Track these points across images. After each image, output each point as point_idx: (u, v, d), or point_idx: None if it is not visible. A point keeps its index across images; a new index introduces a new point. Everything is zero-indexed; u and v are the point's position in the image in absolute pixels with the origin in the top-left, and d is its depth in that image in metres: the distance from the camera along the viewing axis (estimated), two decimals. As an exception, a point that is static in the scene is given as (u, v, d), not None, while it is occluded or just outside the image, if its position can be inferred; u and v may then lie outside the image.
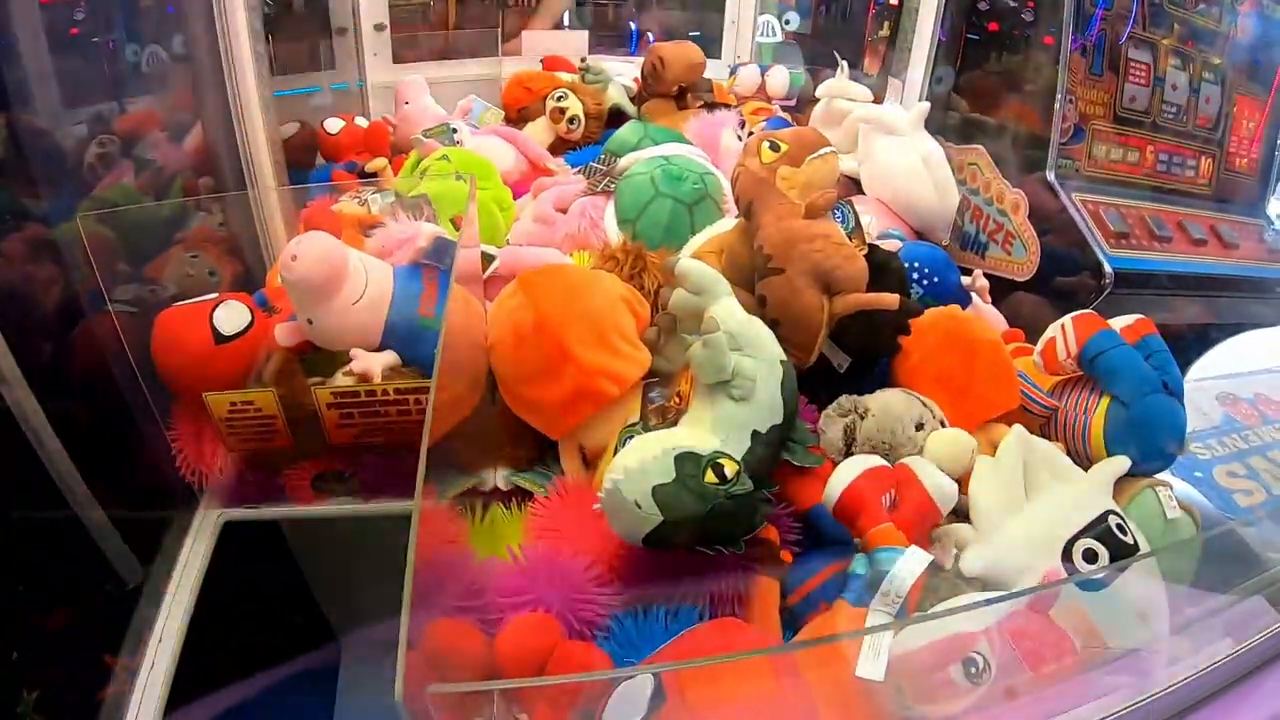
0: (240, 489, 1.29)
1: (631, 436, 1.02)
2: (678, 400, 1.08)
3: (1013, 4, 1.78)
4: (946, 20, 1.97)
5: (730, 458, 0.90)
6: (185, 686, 1.09)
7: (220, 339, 1.16)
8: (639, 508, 0.86)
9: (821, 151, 1.19)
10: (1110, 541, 0.97)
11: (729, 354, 0.95)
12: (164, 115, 1.59)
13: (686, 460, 0.88)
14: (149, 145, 1.53)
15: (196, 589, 1.17)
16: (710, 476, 0.87)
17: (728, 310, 1.00)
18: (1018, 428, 1.06)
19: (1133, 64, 1.74)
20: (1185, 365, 1.20)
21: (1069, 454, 1.14)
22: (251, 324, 1.20)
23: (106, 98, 1.45)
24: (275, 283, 1.33)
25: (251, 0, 1.54)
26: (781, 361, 1.01)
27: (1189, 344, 1.63)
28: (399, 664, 0.56)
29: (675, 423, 1.00)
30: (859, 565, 0.91)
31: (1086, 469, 1.10)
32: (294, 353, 1.22)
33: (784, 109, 2.33)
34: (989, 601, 0.89)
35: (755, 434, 0.96)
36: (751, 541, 0.94)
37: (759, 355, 0.99)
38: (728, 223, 1.36)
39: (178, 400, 1.23)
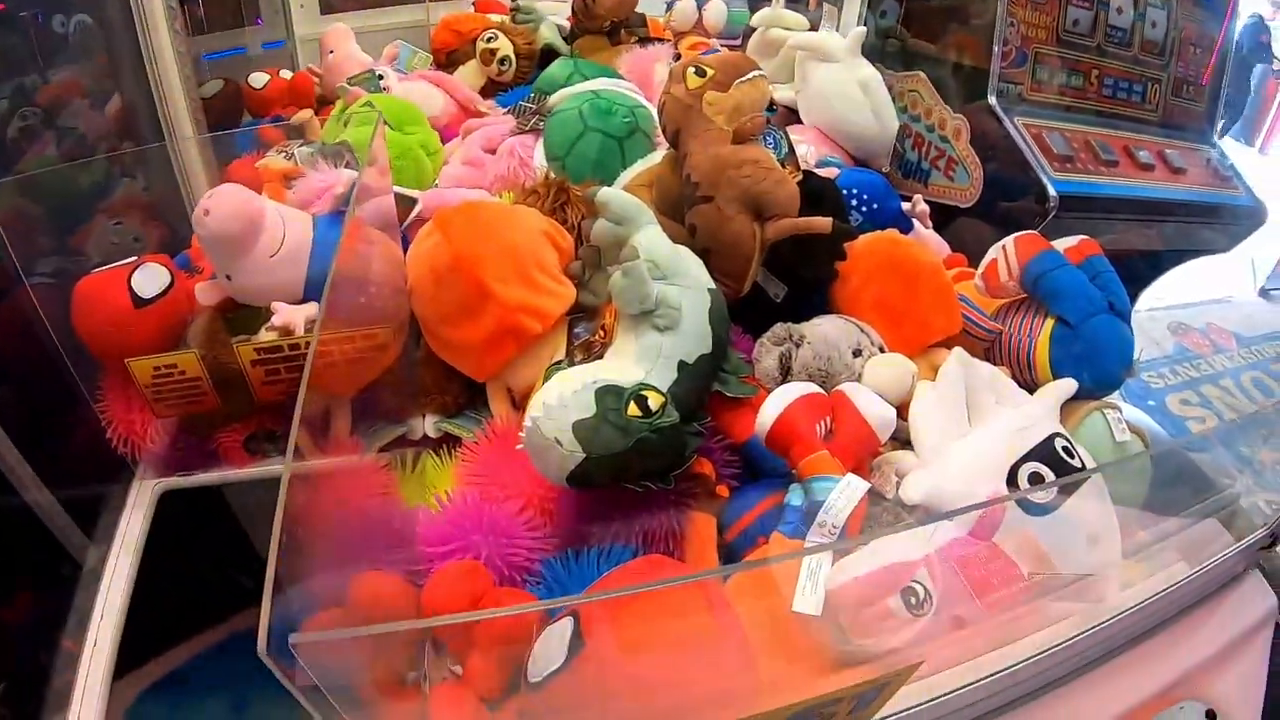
0: (175, 457, 1.24)
1: (557, 368, 0.98)
2: (602, 334, 1.04)
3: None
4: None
5: (655, 389, 0.86)
6: (130, 659, 1.05)
7: (139, 302, 1.12)
8: (560, 445, 0.82)
9: (750, 75, 1.14)
10: (1057, 465, 0.94)
11: (651, 283, 0.91)
12: (87, 82, 1.56)
13: (608, 394, 0.84)
14: (71, 114, 1.50)
15: (136, 562, 1.13)
16: (633, 409, 0.84)
17: (651, 239, 0.96)
18: (958, 350, 1.02)
19: (1075, -14, 1.69)
20: (1133, 291, 1.17)
21: (1014, 380, 1.09)
22: (171, 285, 1.16)
23: (30, 70, 1.43)
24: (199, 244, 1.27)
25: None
26: (710, 290, 0.97)
27: (1137, 269, 1.61)
28: (263, 616, 0.52)
29: (601, 357, 0.96)
30: (794, 496, 0.88)
31: (1032, 394, 1.07)
32: (217, 312, 1.18)
33: (725, 46, 2.27)
34: (922, 523, 0.86)
35: (682, 365, 0.92)
36: (684, 477, 0.91)
37: (685, 283, 0.95)
38: (659, 156, 1.31)
39: (105, 371, 1.19)
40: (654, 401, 0.85)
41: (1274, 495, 1.21)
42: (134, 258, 1.17)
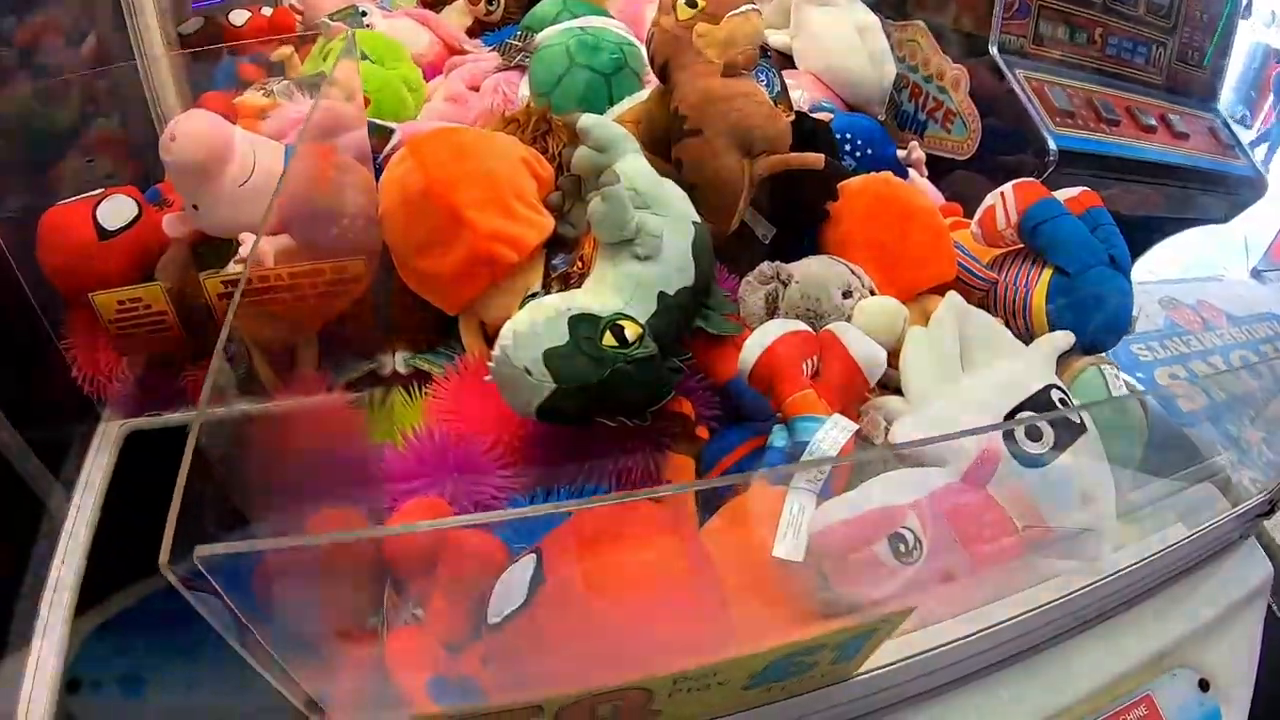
0: (142, 397, 1.21)
1: (532, 300, 0.93)
2: (580, 265, 0.99)
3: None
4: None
5: (632, 320, 0.82)
6: (90, 597, 1.03)
7: (104, 234, 1.09)
8: (529, 374, 0.78)
9: (743, 8, 1.09)
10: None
11: (631, 209, 0.87)
12: (64, 21, 1.50)
13: (582, 322, 0.80)
14: (46, 53, 1.45)
15: (100, 502, 1.10)
16: (609, 339, 0.80)
17: (633, 166, 0.91)
18: (953, 294, 0.98)
19: (1083, -60, 1.65)
20: (1131, 252, 1.14)
21: (1009, 329, 1.05)
22: (139, 218, 1.12)
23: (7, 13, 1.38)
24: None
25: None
26: (695, 223, 0.93)
27: (1133, 233, 1.58)
28: (167, 530, 0.48)
29: (578, 288, 0.92)
30: (777, 437, 0.84)
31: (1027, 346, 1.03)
32: (186, 245, 1.14)
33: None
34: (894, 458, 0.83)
35: (662, 295, 0.87)
36: (663, 415, 0.87)
37: (667, 213, 0.90)
38: (647, 94, 1.27)
39: (70, 308, 1.15)
40: (631, 332, 0.81)
41: (1259, 474, 1.18)
42: (100, 190, 1.14)
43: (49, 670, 0.91)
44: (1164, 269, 2.16)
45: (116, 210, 1.11)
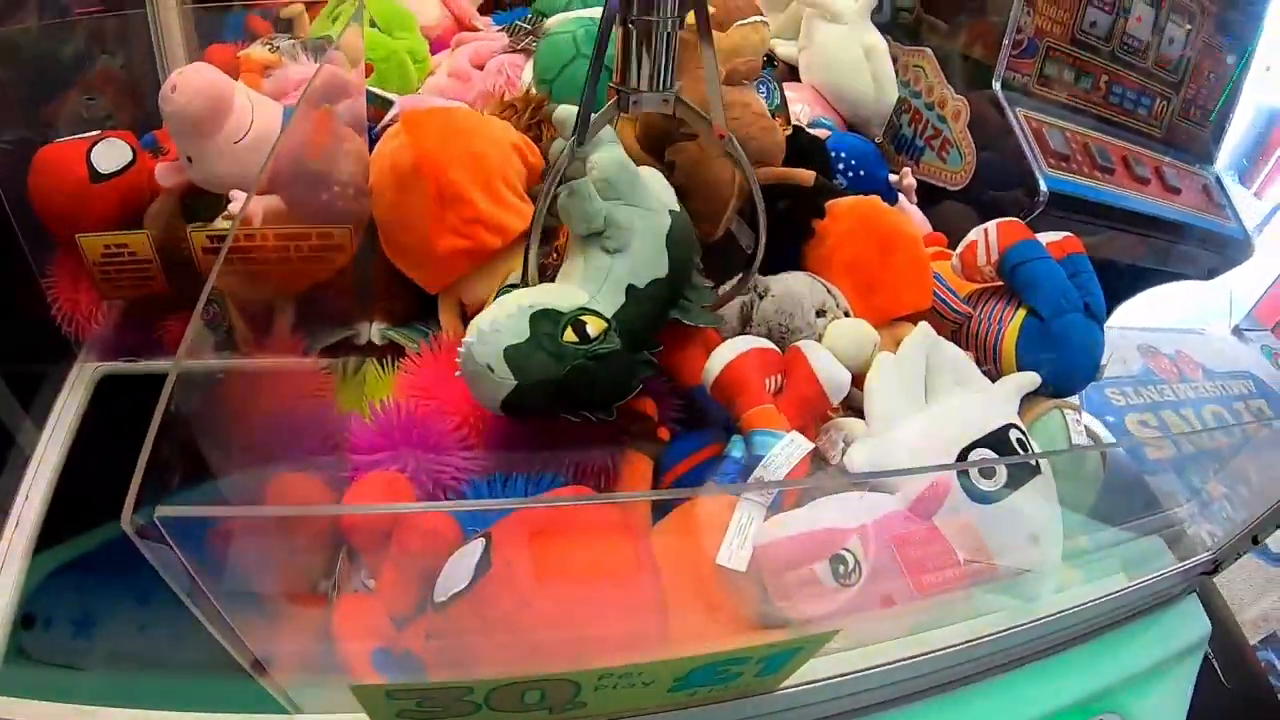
0: (118, 341, 1.21)
1: (511, 289, 0.94)
2: (555, 256, 1.00)
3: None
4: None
5: (596, 314, 0.82)
6: (53, 539, 1.04)
7: (97, 176, 1.09)
8: (491, 371, 0.78)
9: (751, 19, 1.11)
10: (1008, 454, 0.91)
11: (598, 202, 0.87)
12: None
13: (543, 318, 0.80)
14: None
15: (68, 444, 1.11)
16: (569, 335, 0.80)
17: (606, 157, 0.91)
18: (924, 325, 0.99)
19: (1098, -13, 1.66)
20: (1108, 300, 1.15)
21: (978, 365, 1.07)
22: (133, 163, 1.12)
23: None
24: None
25: None
26: (673, 212, 0.93)
27: (1114, 279, 1.59)
28: (130, 492, 0.49)
29: (552, 279, 0.92)
30: (735, 448, 0.85)
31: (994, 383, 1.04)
32: (177, 195, 1.15)
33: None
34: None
35: (631, 289, 0.87)
36: (626, 413, 0.88)
37: (641, 204, 0.91)
38: (650, 91, 1.27)
39: (57, 247, 1.15)
40: (594, 327, 0.81)
41: (1217, 528, 1.19)
42: (97, 131, 1.14)
43: (3, 604, 0.92)
44: (1146, 317, 2.18)
45: (111, 154, 1.11)
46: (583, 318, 0.81)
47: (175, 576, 0.52)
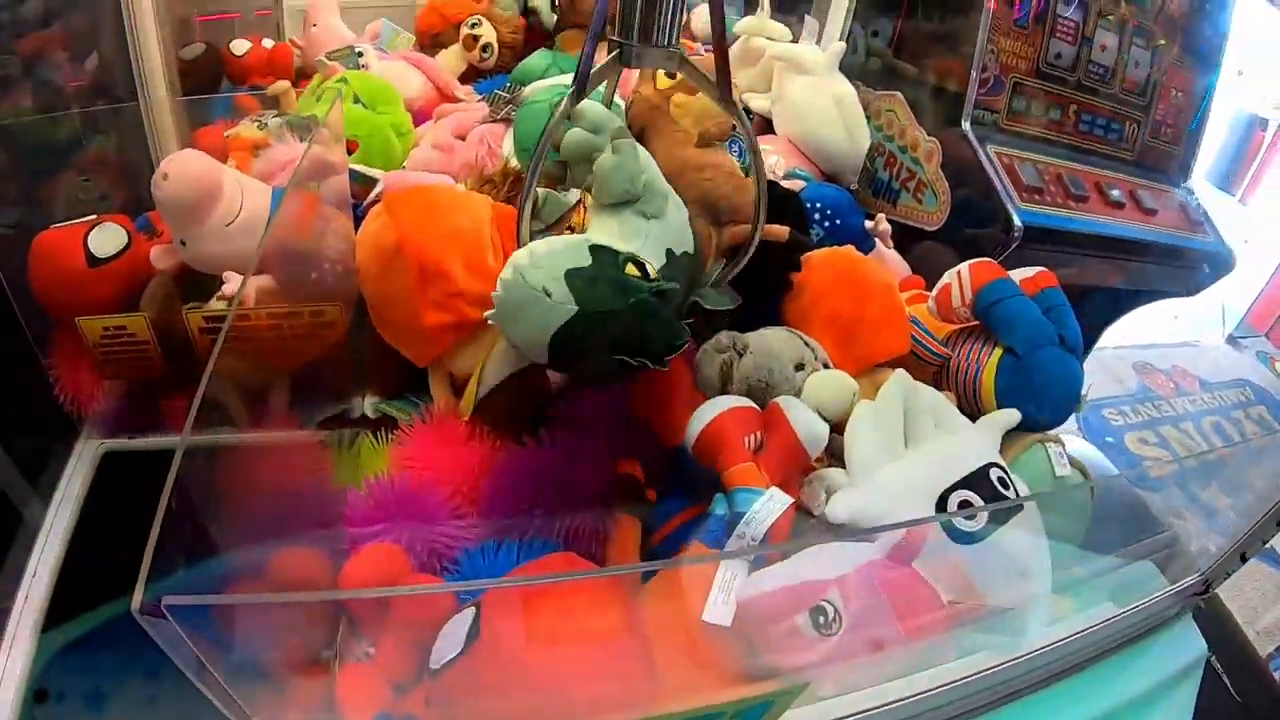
0: (121, 419, 1.23)
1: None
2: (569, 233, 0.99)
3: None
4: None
5: (649, 262, 0.80)
6: (57, 615, 1.04)
7: (94, 261, 1.11)
8: (549, 296, 0.73)
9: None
10: (989, 494, 0.93)
11: (643, 161, 0.86)
12: (68, 37, 1.53)
13: (604, 251, 0.76)
14: (49, 67, 1.47)
15: (74, 520, 1.12)
16: (632, 269, 0.77)
17: (632, 144, 0.90)
18: (900, 371, 1.02)
19: (1061, 20, 1.69)
20: (1093, 326, 1.17)
21: (960, 406, 1.09)
22: (128, 247, 1.15)
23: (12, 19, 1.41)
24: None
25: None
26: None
27: (1098, 305, 1.61)
28: (140, 576, 0.51)
29: None
30: (718, 505, 0.87)
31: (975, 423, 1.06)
32: (172, 277, 1.17)
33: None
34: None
35: (670, 253, 0.86)
36: (615, 478, 0.90)
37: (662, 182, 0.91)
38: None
39: (57, 328, 1.17)
40: (651, 270, 0.79)
41: (1220, 539, 1.20)
42: (94, 215, 1.16)
43: (15, 678, 0.93)
44: (1139, 333, 2.19)
45: (108, 239, 1.14)
46: (639, 259, 0.79)
47: (182, 655, 0.54)
